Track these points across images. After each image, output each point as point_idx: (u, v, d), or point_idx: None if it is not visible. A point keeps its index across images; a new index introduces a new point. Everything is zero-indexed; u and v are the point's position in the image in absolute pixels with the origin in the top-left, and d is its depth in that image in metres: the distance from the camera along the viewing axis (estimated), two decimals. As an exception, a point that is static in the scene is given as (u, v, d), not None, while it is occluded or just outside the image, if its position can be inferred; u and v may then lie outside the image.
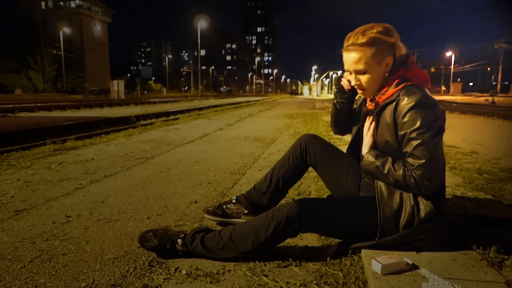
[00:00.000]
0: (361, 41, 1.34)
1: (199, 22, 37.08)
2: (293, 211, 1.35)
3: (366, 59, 1.36)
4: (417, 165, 1.27)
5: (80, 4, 65.40)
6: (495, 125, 7.41)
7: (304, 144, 1.77)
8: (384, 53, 1.36)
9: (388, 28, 1.37)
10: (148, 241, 1.47)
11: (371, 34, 1.33)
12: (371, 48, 1.34)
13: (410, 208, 1.34)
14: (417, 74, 1.39)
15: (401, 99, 1.33)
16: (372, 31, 1.34)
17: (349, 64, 1.40)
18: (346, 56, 1.41)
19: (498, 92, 39.90)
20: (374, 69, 1.38)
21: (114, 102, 21.48)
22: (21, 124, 7.60)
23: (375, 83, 1.41)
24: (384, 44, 1.35)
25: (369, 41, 1.34)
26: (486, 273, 1.23)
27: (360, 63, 1.37)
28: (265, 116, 10.29)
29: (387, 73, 1.40)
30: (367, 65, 1.37)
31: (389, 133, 1.38)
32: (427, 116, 1.28)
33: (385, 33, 1.35)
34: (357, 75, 1.41)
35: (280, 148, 4.22)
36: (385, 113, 1.39)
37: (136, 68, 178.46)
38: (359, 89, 1.46)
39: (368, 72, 1.38)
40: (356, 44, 1.36)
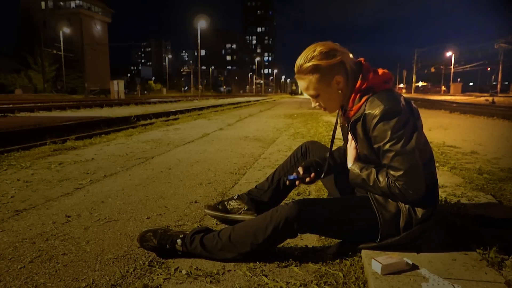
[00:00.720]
0: (305, 69, 1.36)
1: (199, 22, 37.10)
2: (292, 212, 1.35)
3: (313, 85, 1.38)
4: (398, 176, 1.29)
5: (80, 4, 65.40)
6: (495, 125, 7.41)
7: (305, 147, 1.86)
8: (331, 74, 1.36)
9: (331, 48, 1.36)
10: (148, 241, 1.47)
11: (313, 61, 1.34)
12: (315, 74, 1.36)
13: (407, 210, 1.34)
14: (377, 79, 1.37)
15: (367, 114, 1.33)
16: (313, 55, 1.34)
17: (303, 89, 1.43)
18: (298, 83, 1.44)
19: (498, 92, 39.89)
20: (325, 91, 1.39)
21: (114, 102, 21.48)
22: (21, 124, 7.60)
23: (333, 102, 1.43)
24: (328, 68, 1.35)
25: (311, 69, 1.35)
26: (486, 273, 1.23)
27: (310, 89, 1.40)
28: (265, 116, 10.29)
29: (341, 90, 1.39)
30: (317, 90, 1.39)
31: (365, 147, 1.40)
32: (395, 126, 1.28)
33: (326, 56, 1.34)
34: (313, 98, 1.44)
35: (280, 148, 4.22)
36: (357, 128, 1.40)
37: (136, 68, 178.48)
38: (322, 108, 1.46)
39: (321, 94, 1.41)
40: (301, 72, 1.38)
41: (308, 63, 1.35)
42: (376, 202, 1.39)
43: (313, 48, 1.37)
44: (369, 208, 1.40)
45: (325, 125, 6.99)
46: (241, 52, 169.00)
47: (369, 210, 1.39)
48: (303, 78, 1.39)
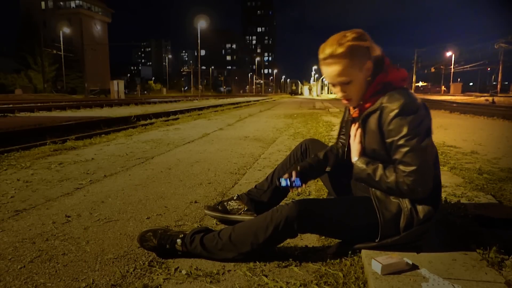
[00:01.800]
0: (340, 52, 1.30)
1: (199, 22, 37.13)
2: (293, 212, 1.35)
3: (348, 70, 1.33)
4: (408, 171, 1.28)
5: (80, 4, 65.40)
6: (495, 125, 7.40)
7: (305, 146, 1.85)
8: (363, 58, 1.34)
9: (361, 32, 1.34)
10: (148, 241, 1.47)
11: (348, 43, 1.30)
12: (351, 57, 1.31)
13: (408, 210, 1.34)
14: (396, 75, 1.37)
15: (384, 107, 1.32)
16: (347, 38, 1.31)
17: (332, 77, 1.36)
18: (327, 70, 1.36)
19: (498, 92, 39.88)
20: (357, 77, 1.35)
21: (114, 102, 21.48)
22: (21, 124, 7.60)
23: (361, 90, 1.39)
24: (362, 50, 1.33)
25: (348, 50, 1.30)
26: (486, 273, 1.23)
27: (343, 74, 1.34)
28: (265, 116, 10.29)
29: (369, 77, 1.37)
30: (351, 75, 1.34)
31: (376, 141, 1.37)
32: (413, 122, 1.27)
33: (359, 39, 1.32)
34: (342, 87, 1.37)
35: (280, 148, 4.21)
36: (370, 121, 1.38)
37: (136, 68, 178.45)
38: (345, 99, 1.42)
39: (353, 81, 1.35)
40: (335, 56, 1.32)
41: (342, 46, 1.30)
42: (377, 201, 1.38)
43: (343, 34, 1.33)
44: (370, 208, 1.40)
45: (325, 125, 6.99)
46: (241, 52, 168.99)
47: (370, 210, 1.39)
48: (337, 61, 1.32)
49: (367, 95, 1.38)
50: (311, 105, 18.96)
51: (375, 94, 1.36)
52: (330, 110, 13.37)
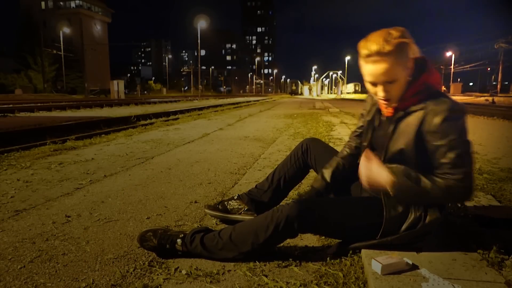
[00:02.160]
0: (388, 49, 1.24)
1: (199, 22, 37.14)
2: (293, 211, 1.35)
3: (394, 68, 1.26)
4: (461, 176, 1.26)
5: (80, 4, 65.41)
6: (495, 125, 7.40)
7: (305, 146, 1.83)
8: (409, 56, 1.29)
9: (404, 30, 1.29)
10: (148, 241, 1.47)
11: (395, 40, 1.24)
12: (398, 55, 1.25)
13: (417, 213, 1.34)
14: (437, 77, 1.35)
15: (430, 109, 1.28)
16: (393, 36, 1.25)
17: (377, 76, 1.28)
18: (372, 68, 1.28)
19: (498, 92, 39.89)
20: (402, 76, 1.29)
21: (114, 102, 21.48)
22: (21, 124, 7.60)
23: (402, 90, 1.32)
24: (407, 48, 1.28)
25: (396, 48, 1.24)
26: (486, 273, 1.23)
27: (390, 73, 1.26)
28: (265, 116, 10.29)
29: (410, 76, 1.32)
30: (396, 74, 1.27)
31: (407, 141, 1.33)
32: (461, 125, 1.26)
33: (404, 36, 1.27)
34: (385, 86, 1.30)
35: (280, 148, 4.21)
36: (407, 120, 1.33)
37: (136, 68, 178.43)
38: (386, 99, 1.33)
39: (397, 80, 1.28)
40: (382, 54, 1.24)
41: (389, 44, 1.24)
42: (386, 199, 1.38)
43: (387, 32, 1.27)
44: (371, 208, 1.40)
45: (325, 125, 6.99)
46: (241, 52, 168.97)
47: (371, 210, 1.39)
48: (385, 59, 1.25)
49: (407, 94, 1.33)
50: (311, 105, 18.97)
51: (417, 94, 1.32)
52: (330, 110, 13.37)
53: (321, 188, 1.64)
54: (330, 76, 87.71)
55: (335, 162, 1.67)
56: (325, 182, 1.64)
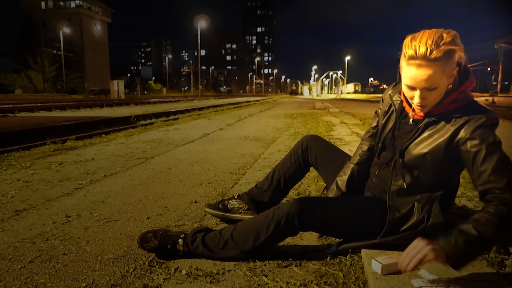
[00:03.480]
0: (436, 56, 1.15)
1: (199, 22, 37.11)
2: (294, 209, 1.35)
3: (439, 75, 1.18)
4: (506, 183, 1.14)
5: (80, 4, 65.41)
6: (495, 125, 7.38)
7: (305, 144, 1.81)
8: (454, 65, 1.21)
9: (456, 35, 1.20)
10: (148, 242, 1.47)
11: (446, 47, 1.15)
12: (445, 62, 1.17)
13: (421, 215, 1.33)
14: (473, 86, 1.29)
15: (471, 117, 1.22)
16: (443, 40, 1.16)
17: (419, 81, 1.19)
18: (414, 72, 1.19)
19: (498, 92, 39.88)
20: (444, 84, 1.21)
21: (114, 102, 21.48)
22: (21, 124, 7.60)
23: (440, 97, 1.25)
24: (454, 56, 1.19)
25: (445, 55, 1.15)
26: (486, 273, 1.23)
27: (433, 80, 1.18)
28: (265, 116, 10.29)
29: (450, 85, 1.24)
30: (439, 82, 1.19)
31: (434, 147, 1.28)
32: (495, 132, 1.23)
33: (455, 43, 1.18)
34: (425, 93, 1.22)
35: (280, 148, 4.21)
36: (439, 126, 1.28)
37: (136, 68, 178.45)
38: (421, 106, 1.26)
39: (440, 87, 1.21)
40: (430, 59, 1.15)
41: (439, 50, 1.15)
42: (391, 200, 1.38)
43: (438, 34, 1.17)
44: (371, 208, 1.40)
45: (325, 125, 6.99)
46: (241, 52, 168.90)
47: (371, 210, 1.39)
48: (431, 65, 1.16)
49: (446, 101, 1.25)
50: (311, 105, 18.97)
51: (454, 102, 1.26)
52: (330, 110, 13.37)
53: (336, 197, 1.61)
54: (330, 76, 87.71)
55: (349, 170, 1.61)
56: (340, 192, 1.60)
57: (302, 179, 1.97)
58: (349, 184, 1.60)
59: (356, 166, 1.62)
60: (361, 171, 1.60)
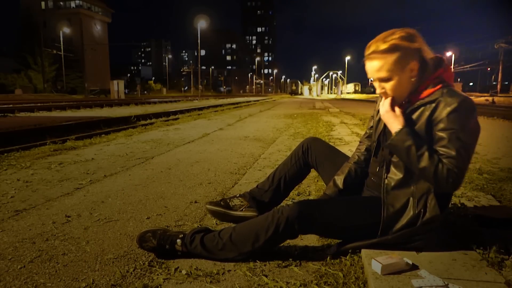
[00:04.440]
0: (382, 48, 1.31)
1: (199, 22, 37.14)
2: (294, 213, 1.35)
3: (388, 66, 1.32)
4: (454, 166, 1.25)
5: (80, 4, 65.41)
6: (495, 125, 7.40)
7: (306, 146, 1.83)
8: (408, 58, 1.32)
9: (411, 33, 1.33)
10: (147, 242, 1.47)
11: (392, 41, 1.30)
12: (393, 54, 1.30)
13: (417, 210, 1.34)
14: (451, 76, 1.38)
15: (442, 100, 1.30)
16: (393, 37, 1.31)
17: (372, 72, 1.36)
18: (368, 65, 1.37)
19: (498, 92, 39.89)
20: (398, 76, 1.33)
21: (114, 102, 21.49)
22: (21, 124, 7.60)
23: (401, 89, 1.36)
24: (407, 50, 1.31)
25: (390, 47, 1.30)
26: (486, 273, 1.23)
27: (383, 70, 1.33)
28: (265, 116, 10.29)
29: (413, 78, 1.35)
30: (390, 72, 1.33)
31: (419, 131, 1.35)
32: (469, 120, 1.28)
33: (407, 39, 1.31)
34: (381, 83, 1.37)
35: (280, 148, 4.21)
36: (418, 111, 1.36)
37: (136, 68, 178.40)
38: (384, 96, 1.40)
39: (392, 79, 1.34)
40: (377, 52, 1.32)
41: (386, 43, 1.31)
42: (386, 194, 1.38)
43: (392, 32, 1.33)
44: (372, 208, 1.40)
45: (325, 125, 6.99)
46: (241, 52, 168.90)
47: (372, 210, 1.39)
48: (378, 58, 1.32)
49: (421, 88, 1.36)
50: (311, 105, 18.97)
51: (432, 87, 1.35)
52: (330, 110, 13.37)
53: (333, 195, 1.64)
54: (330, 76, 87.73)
55: (347, 168, 1.66)
56: (337, 189, 1.64)
57: (303, 180, 1.97)
58: (347, 182, 1.63)
59: (354, 165, 1.65)
60: (359, 170, 1.64)
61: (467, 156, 1.28)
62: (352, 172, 1.64)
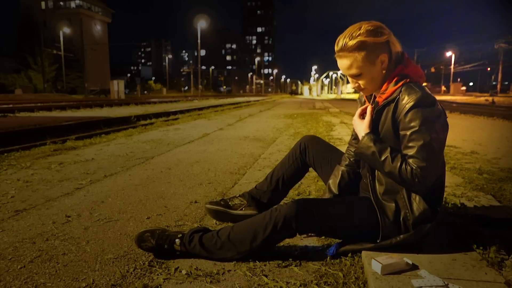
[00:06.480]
0: (350, 46, 1.31)
1: (199, 22, 37.18)
2: (291, 211, 1.35)
3: (358, 63, 1.33)
4: (417, 166, 1.26)
5: (80, 4, 65.39)
6: (495, 125, 7.40)
7: (304, 145, 1.81)
8: (377, 52, 1.33)
9: (378, 26, 1.33)
10: (146, 242, 1.47)
11: (359, 38, 1.30)
12: (360, 52, 1.31)
13: (407, 209, 1.34)
14: (415, 70, 1.37)
15: (401, 98, 1.31)
16: (359, 32, 1.30)
17: (343, 70, 1.38)
18: (339, 63, 1.38)
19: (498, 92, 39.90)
20: (369, 70, 1.35)
21: (114, 102, 21.49)
22: (21, 124, 7.60)
23: (374, 82, 1.38)
24: (374, 44, 1.32)
25: (358, 45, 1.30)
26: (486, 273, 1.23)
27: (353, 68, 1.34)
28: (265, 116, 10.29)
29: (384, 70, 1.36)
30: (361, 69, 1.34)
31: (387, 131, 1.36)
32: (428, 116, 1.27)
33: (374, 33, 1.31)
34: (354, 78, 1.39)
35: (280, 148, 4.21)
36: (384, 111, 1.37)
37: (136, 68, 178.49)
38: (359, 90, 1.43)
39: (364, 74, 1.35)
40: (345, 50, 1.33)
41: (353, 40, 1.30)
42: (377, 203, 1.38)
43: (358, 26, 1.32)
44: (370, 208, 1.39)
45: (325, 125, 6.99)
46: (241, 52, 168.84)
47: (370, 211, 1.39)
48: (347, 56, 1.33)
49: (384, 87, 1.37)
50: (311, 105, 18.96)
51: (393, 85, 1.35)
52: (330, 110, 13.37)
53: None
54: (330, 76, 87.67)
55: (340, 172, 1.65)
56: (332, 194, 1.63)
57: (302, 179, 1.97)
58: (341, 186, 1.62)
59: (345, 168, 1.64)
60: (351, 173, 1.63)
61: (431, 153, 1.26)
62: (345, 175, 1.63)
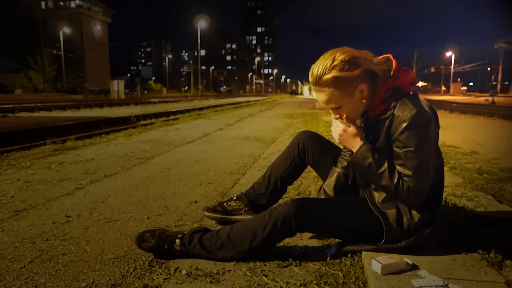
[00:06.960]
0: (324, 81, 1.27)
1: (199, 22, 37.19)
2: (291, 211, 1.35)
3: (336, 98, 1.30)
4: (414, 185, 1.27)
5: (80, 4, 65.40)
6: (495, 125, 7.40)
7: (302, 145, 1.75)
8: (354, 83, 1.28)
9: (352, 55, 1.26)
10: (146, 242, 1.47)
11: (333, 73, 1.25)
12: (337, 87, 1.27)
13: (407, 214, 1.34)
14: (406, 79, 1.32)
15: (395, 116, 1.28)
16: (334, 64, 1.25)
17: (322, 103, 1.35)
18: (316, 96, 1.35)
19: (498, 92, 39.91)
20: (348, 102, 1.31)
21: (114, 102, 21.48)
22: (21, 124, 7.61)
23: (356, 111, 1.36)
24: (350, 79, 1.26)
25: (333, 82, 1.26)
26: (486, 273, 1.23)
27: (331, 102, 1.32)
28: (265, 116, 10.29)
29: (365, 98, 1.31)
30: (339, 102, 1.31)
31: (381, 146, 1.34)
32: (422, 135, 1.25)
33: (349, 66, 1.25)
34: (334, 110, 1.37)
35: (280, 148, 4.21)
36: (377, 128, 1.35)
37: (136, 68, 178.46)
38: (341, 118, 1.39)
39: (343, 106, 1.33)
40: (320, 85, 1.29)
41: (328, 74, 1.26)
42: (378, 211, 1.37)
43: (332, 56, 1.26)
44: (368, 208, 1.39)
45: (325, 125, 6.99)
46: (241, 52, 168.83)
47: (368, 211, 1.39)
48: (322, 90, 1.30)
49: (375, 103, 1.33)
50: (311, 105, 18.96)
51: (383, 102, 1.32)
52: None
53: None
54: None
55: (335, 174, 1.62)
56: (328, 197, 1.61)
57: (302, 179, 1.97)
58: (336, 189, 1.60)
59: (341, 170, 1.62)
60: (347, 174, 1.60)
61: (425, 172, 1.27)
62: (341, 177, 1.61)
